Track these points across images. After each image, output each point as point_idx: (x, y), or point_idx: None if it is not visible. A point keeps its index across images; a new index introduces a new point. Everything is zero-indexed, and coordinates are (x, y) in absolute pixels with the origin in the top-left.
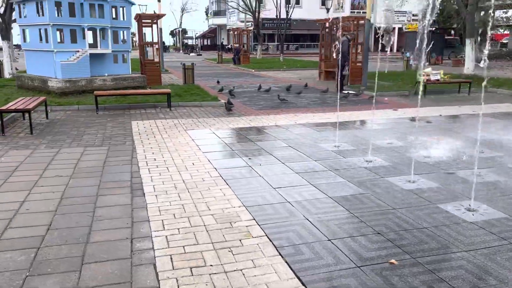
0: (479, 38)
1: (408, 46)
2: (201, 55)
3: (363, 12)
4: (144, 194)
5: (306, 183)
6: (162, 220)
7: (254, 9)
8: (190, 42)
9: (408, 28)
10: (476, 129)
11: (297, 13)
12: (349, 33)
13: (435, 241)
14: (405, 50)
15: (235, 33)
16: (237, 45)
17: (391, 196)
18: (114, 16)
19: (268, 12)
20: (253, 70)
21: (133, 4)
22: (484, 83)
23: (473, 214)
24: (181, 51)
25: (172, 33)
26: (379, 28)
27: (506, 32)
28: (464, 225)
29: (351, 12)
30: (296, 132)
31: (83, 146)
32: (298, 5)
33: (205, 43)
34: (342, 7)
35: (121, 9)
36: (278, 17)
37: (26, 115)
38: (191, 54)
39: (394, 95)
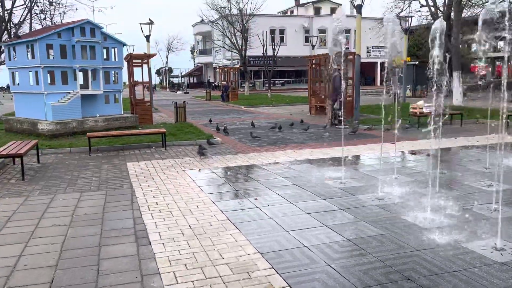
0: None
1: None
2: (188, 93)
3: (346, 48)
4: (150, 242)
5: (319, 224)
6: (174, 272)
7: (240, 47)
8: (176, 80)
9: (396, 63)
10: (477, 161)
11: (282, 50)
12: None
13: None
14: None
15: (223, 70)
16: (225, 82)
17: (412, 237)
18: (105, 56)
19: (254, 49)
20: (243, 107)
21: (124, 44)
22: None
23: (501, 254)
24: (167, 90)
25: (158, 72)
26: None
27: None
28: (495, 266)
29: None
30: (298, 169)
31: (79, 191)
32: (283, 42)
33: (192, 81)
34: (325, 44)
35: (112, 50)
36: (265, 54)
37: (17, 159)
38: (178, 92)
39: (390, 128)
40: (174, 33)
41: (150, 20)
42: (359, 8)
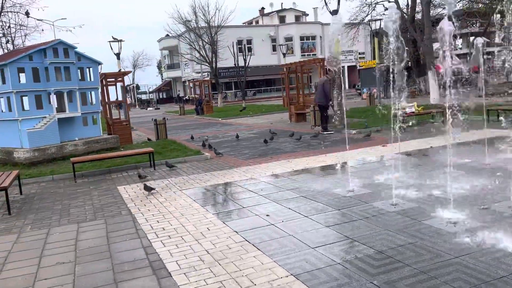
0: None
1: (363, 82)
2: (159, 109)
3: (312, 55)
4: (170, 273)
5: (343, 237)
6: None
7: (210, 59)
8: (144, 97)
9: (362, 66)
10: (477, 157)
11: (250, 60)
12: (330, 73)
13: None
14: (362, 86)
15: (194, 84)
16: (198, 96)
17: (442, 241)
18: (80, 77)
19: (224, 61)
20: (220, 119)
21: (100, 63)
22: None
23: None
24: (137, 107)
25: (126, 90)
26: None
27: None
28: None
29: (301, 55)
30: (299, 179)
31: (75, 222)
32: (250, 52)
33: (161, 96)
34: (292, 51)
35: (87, 69)
36: (237, 65)
37: None
38: (149, 109)
39: (375, 131)
40: (139, 49)
41: (113, 38)
42: (335, 13)
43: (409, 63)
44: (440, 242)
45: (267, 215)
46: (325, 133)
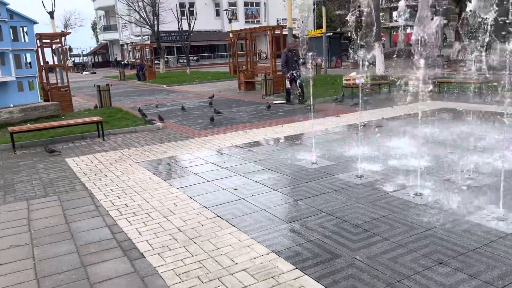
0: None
1: (315, 51)
2: (95, 73)
3: (256, 21)
4: (142, 254)
5: (317, 210)
6: None
7: (152, 22)
8: (77, 60)
9: (308, 35)
10: (428, 128)
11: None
12: (294, 42)
13: None
14: (315, 56)
15: (134, 48)
16: (139, 60)
17: (413, 214)
18: (13, 37)
19: (167, 25)
20: (165, 86)
21: (35, 22)
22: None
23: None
24: (71, 71)
25: (56, 52)
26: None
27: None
28: (508, 237)
29: (245, 21)
30: (261, 151)
31: (23, 199)
32: (193, 16)
33: (96, 60)
34: (236, 17)
35: (21, 29)
36: (181, 29)
37: None
38: (84, 73)
39: (323, 102)
40: (71, 8)
41: None
42: None
43: (352, 33)
44: (411, 215)
45: (235, 189)
46: (276, 102)
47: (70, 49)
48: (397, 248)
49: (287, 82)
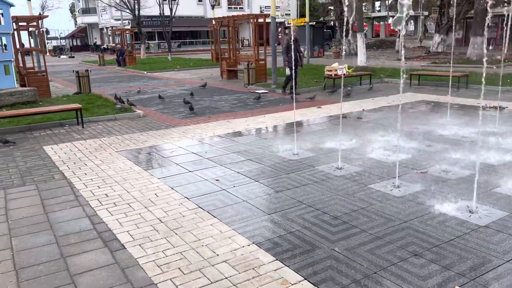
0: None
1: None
2: (73, 57)
3: (239, 8)
4: (123, 245)
5: (297, 202)
6: (171, 280)
7: (133, 6)
8: (54, 43)
9: (290, 23)
10: (407, 121)
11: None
12: (297, 29)
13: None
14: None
15: (114, 32)
16: (119, 45)
17: (390, 206)
18: None
19: (149, 9)
20: (145, 72)
21: (11, 5)
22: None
23: (478, 217)
24: (47, 54)
25: (32, 35)
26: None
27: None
28: (480, 230)
29: (228, 7)
30: (243, 141)
31: (0, 188)
32: (175, 1)
33: (75, 43)
34: (219, 3)
35: None
36: (162, 14)
37: None
38: (62, 56)
39: (306, 92)
40: None
41: None
42: None
43: (335, 23)
44: (389, 207)
45: (217, 180)
46: (259, 92)
47: (47, 32)
48: (374, 240)
49: (287, 70)
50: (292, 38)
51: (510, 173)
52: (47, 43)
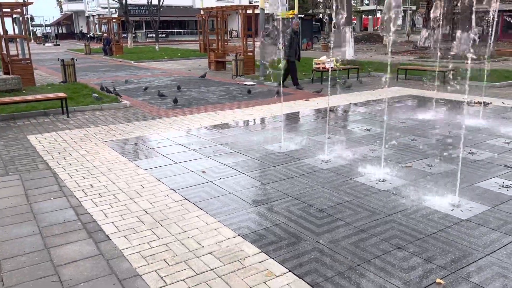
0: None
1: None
2: (59, 45)
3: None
4: (108, 236)
5: (283, 194)
6: (156, 272)
7: None
8: (39, 30)
9: (279, 15)
10: (393, 115)
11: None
12: (294, 26)
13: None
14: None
15: (101, 21)
16: (106, 34)
17: (375, 199)
18: None
19: None
20: (132, 62)
21: None
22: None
23: (461, 211)
24: (32, 41)
25: (16, 22)
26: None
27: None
28: (462, 223)
29: None
30: (230, 134)
31: None
32: None
33: (60, 31)
34: None
35: None
36: (150, 3)
37: None
38: (47, 44)
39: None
40: None
41: None
42: None
43: (324, 16)
44: (374, 200)
45: (203, 172)
46: (247, 83)
47: (32, 19)
48: (358, 232)
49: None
50: (291, 30)
51: (492, 168)
52: (35, 30)
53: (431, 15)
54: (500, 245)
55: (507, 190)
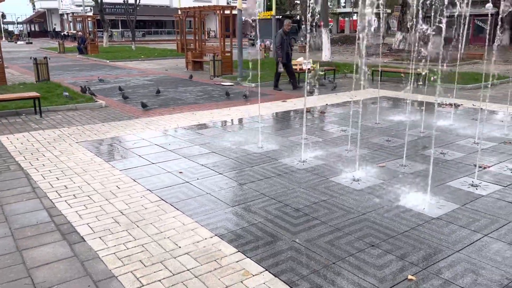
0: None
1: (260, 33)
2: (31, 43)
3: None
4: (83, 238)
5: (260, 194)
6: (132, 272)
7: None
8: (11, 28)
9: (259, 16)
10: (368, 116)
11: None
12: (286, 26)
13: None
14: (261, 38)
15: (75, 19)
16: (81, 33)
17: (350, 199)
18: None
19: None
20: (108, 61)
21: None
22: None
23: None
24: (3, 39)
25: None
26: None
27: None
28: (433, 222)
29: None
30: (207, 134)
31: None
32: None
33: (33, 29)
34: None
35: None
36: (126, 1)
37: None
38: (19, 42)
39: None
40: None
41: None
42: None
43: (301, 17)
44: (349, 200)
45: (180, 172)
46: (224, 84)
47: (3, 16)
48: (334, 231)
49: (281, 65)
50: (282, 31)
51: (462, 168)
52: (7, 28)
53: (405, 19)
54: (469, 242)
55: (476, 189)
